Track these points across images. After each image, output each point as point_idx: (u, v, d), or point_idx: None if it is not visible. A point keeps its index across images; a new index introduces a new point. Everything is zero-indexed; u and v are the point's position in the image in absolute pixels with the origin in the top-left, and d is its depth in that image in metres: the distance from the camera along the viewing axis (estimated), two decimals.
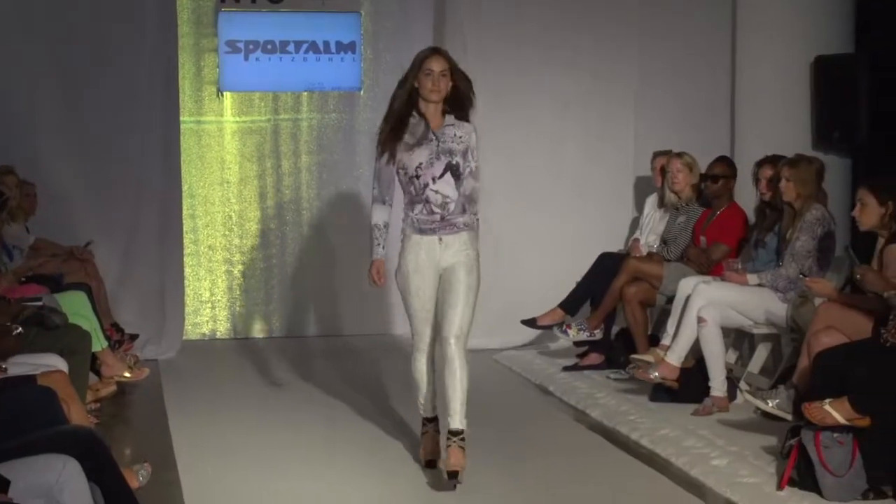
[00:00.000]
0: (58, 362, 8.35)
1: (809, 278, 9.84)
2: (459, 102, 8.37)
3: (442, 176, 8.20)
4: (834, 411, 8.08)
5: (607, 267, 12.08)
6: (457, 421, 8.11)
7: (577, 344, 12.11)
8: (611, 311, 11.94)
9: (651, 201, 12.52)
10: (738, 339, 10.94)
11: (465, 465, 8.01)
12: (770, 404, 9.38)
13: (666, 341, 10.51)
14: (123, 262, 12.77)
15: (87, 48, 12.50)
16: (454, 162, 8.22)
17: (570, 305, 12.03)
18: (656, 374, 10.40)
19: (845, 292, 9.41)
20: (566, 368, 11.79)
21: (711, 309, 10.09)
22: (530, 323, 12.22)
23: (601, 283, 11.97)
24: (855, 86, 11.90)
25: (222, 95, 13.68)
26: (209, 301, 13.74)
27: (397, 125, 8.28)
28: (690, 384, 10.32)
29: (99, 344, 10.51)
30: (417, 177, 8.20)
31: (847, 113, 11.95)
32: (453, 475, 7.95)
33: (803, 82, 12.23)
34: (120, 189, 12.77)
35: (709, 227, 11.43)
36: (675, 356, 10.29)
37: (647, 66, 13.64)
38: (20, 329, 7.97)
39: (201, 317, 13.68)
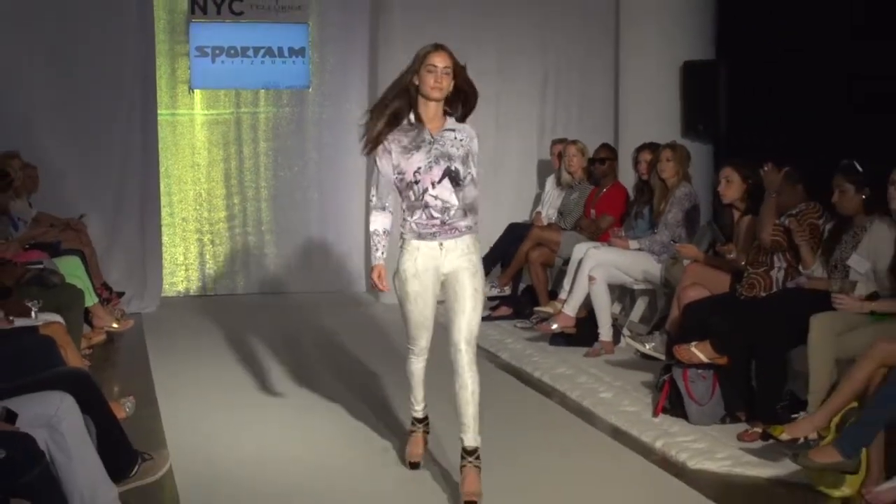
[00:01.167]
0: (56, 316, 8.34)
1: (679, 244, 9.98)
2: (460, 104, 6.91)
3: (440, 181, 6.68)
4: (698, 352, 8.23)
5: (515, 234, 12.18)
6: (470, 438, 6.60)
7: (490, 298, 12.14)
8: (517, 272, 12.06)
9: (550, 180, 12.60)
10: (622, 293, 11.05)
11: (482, 491, 6.47)
12: (647, 347, 9.51)
13: (563, 296, 10.62)
14: (111, 232, 12.68)
15: (79, 53, 12.41)
16: (453, 168, 6.70)
17: (485, 266, 12.05)
18: (555, 325, 10.51)
19: (708, 255, 9.50)
20: (483, 318, 11.80)
21: (600, 269, 10.21)
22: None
23: (510, 248, 12.07)
24: (716, 86, 12.00)
25: (193, 92, 13.61)
26: (183, 264, 13.68)
27: (391, 120, 6.73)
28: (583, 331, 10.42)
29: (91, 300, 10.52)
30: (416, 182, 6.68)
31: (709, 108, 12.05)
32: None
33: (674, 83, 12.29)
34: (107, 170, 12.68)
35: (597, 202, 11.52)
36: (571, 308, 10.40)
37: (548, 67, 13.67)
38: (38, 306, 7.94)
39: (177, 277, 13.62)
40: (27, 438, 5.34)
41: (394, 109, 6.74)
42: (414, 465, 7.22)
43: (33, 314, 7.76)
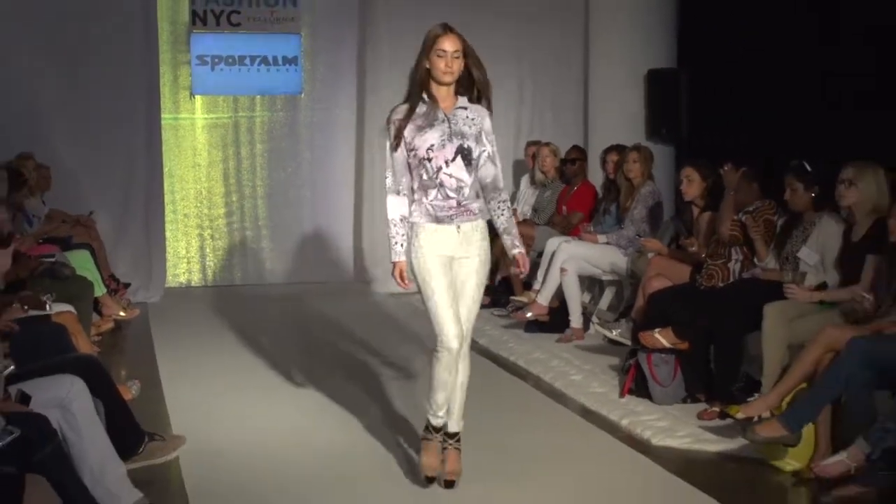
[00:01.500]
0: (67, 306, 8.35)
1: (644, 238, 10.02)
2: (471, 85, 6.39)
3: (454, 159, 6.21)
4: (661, 338, 8.27)
5: (492, 230, 12.14)
6: (454, 423, 6.42)
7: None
8: (495, 264, 12.05)
9: (525, 180, 12.63)
10: (591, 284, 11.07)
11: (461, 470, 6.36)
12: (614, 333, 9.53)
13: (536, 286, 10.64)
14: (118, 227, 12.72)
15: (89, 62, 12.45)
16: (466, 146, 6.23)
17: None
18: (530, 313, 10.54)
19: (671, 248, 9.53)
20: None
21: (571, 262, 10.24)
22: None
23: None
24: (678, 92, 12.03)
25: (194, 98, 13.60)
26: (185, 257, 13.68)
27: (409, 110, 6.28)
28: (555, 319, 10.45)
29: (100, 290, 10.53)
30: (429, 159, 6.20)
31: (671, 113, 12.09)
32: (451, 484, 6.33)
33: (639, 89, 12.32)
34: (114, 170, 12.73)
35: (568, 199, 11.56)
36: (544, 297, 10.43)
37: (523, 75, 13.69)
38: (52, 300, 7.94)
39: (179, 269, 13.62)
40: (41, 418, 5.34)
41: (410, 102, 6.29)
42: (430, 480, 6.41)
43: (48, 307, 7.76)
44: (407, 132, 6.24)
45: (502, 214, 6.55)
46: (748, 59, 11.21)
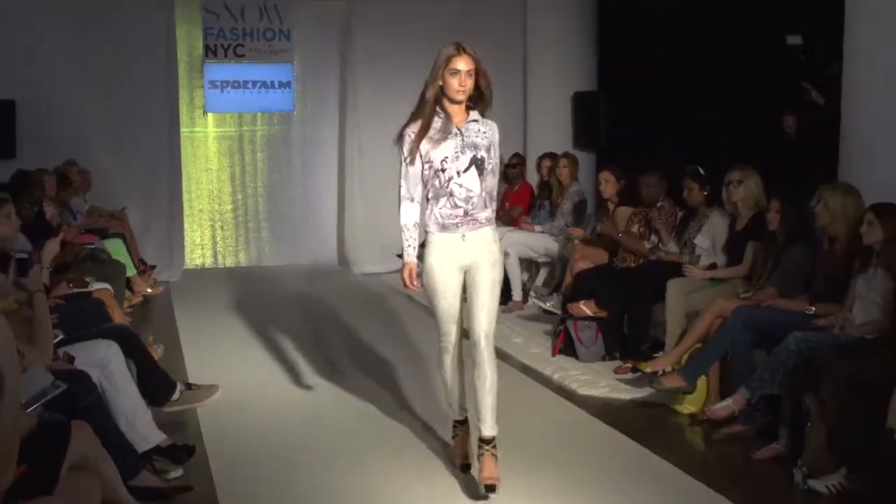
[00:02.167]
0: (104, 284, 8.34)
1: (571, 228, 10.06)
2: (480, 100, 5.64)
3: (467, 170, 5.47)
4: (586, 308, 8.33)
5: None
6: (488, 428, 5.48)
7: None
8: None
9: None
10: (529, 265, 11.04)
11: (499, 475, 5.43)
12: (548, 305, 9.58)
13: None
14: (145, 220, 12.61)
15: (122, 85, 12.39)
16: (479, 156, 5.49)
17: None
18: None
19: (592, 236, 9.57)
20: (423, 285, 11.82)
21: (512, 247, 10.24)
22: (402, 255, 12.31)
23: None
24: (598, 110, 12.08)
25: (206, 115, 13.51)
26: (200, 244, 13.60)
27: (424, 127, 5.51)
28: (500, 293, 10.45)
29: (131, 271, 10.49)
30: (443, 170, 5.47)
31: (593, 127, 12.14)
32: (491, 489, 5.36)
33: (567, 107, 12.37)
34: (142, 174, 12.61)
35: (510, 196, 11.55)
36: None
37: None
38: (92, 279, 7.95)
39: (195, 254, 13.54)
40: (83, 375, 5.34)
41: (424, 119, 5.50)
42: (465, 468, 5.75)
43: (89, 285, 7.77)
44: (422, 146, 5.51)
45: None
46: (654, 83, 11.27)
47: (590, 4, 12.54)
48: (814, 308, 6.56)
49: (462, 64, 5.42)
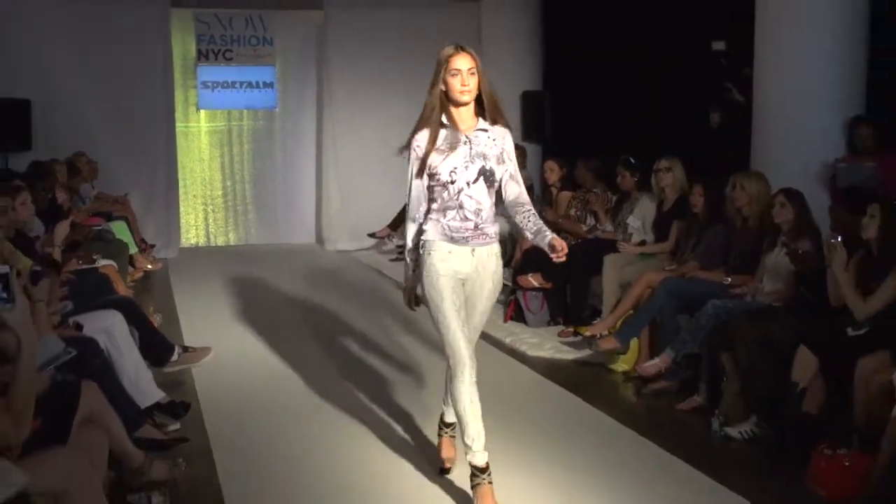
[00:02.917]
0: (110, 261, 8.31)
1: None
2: (485, 103, 4.54)
3: (476, 181, 4.46)
4: (533, 280, 8.39)
5: None
6: (482, 456, 4.48)
7: (399, 248, 12.13)
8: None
9: None
10: None
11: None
12: None
13: None
14: (146, 204, 12.50)
15: (124, 86, 12.29)
16: (488, 167, 4.47)
17: (394, 224, 12.07)
18: None
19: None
20: (392, 260, 11.81)
21: None
22: (372, 235, 12.32)
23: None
24: (543, 108, 12.13)
25: (199, 111, 13.43)
26: (194, 225, 13.52)
27: (432, 138, 4.47)
28: None
29: (133, 249, 10.41)
30: (452, 182, 4.45)
31: (539, 122, 12.18)
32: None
33: (516, 104, 12.40)
34: (143, 164, 12.53)
35: None
36: None
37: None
38: (99, 257, 7.92)
39: (189, 234, 13.46)
40: (91, 341, 5.33)
41: (431, 129, 4.49)
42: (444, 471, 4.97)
43: (96, 262, 7.74)
44: (430, 158, 4.49)
45: (529, 220, 4.57)
46: (593, 83, 11.30)
47: (536, 14, 12.58)
48: (729, 279, 6.64)
49: (462, 62, 4.45)
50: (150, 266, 10.91)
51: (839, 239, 5.35)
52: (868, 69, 7.53)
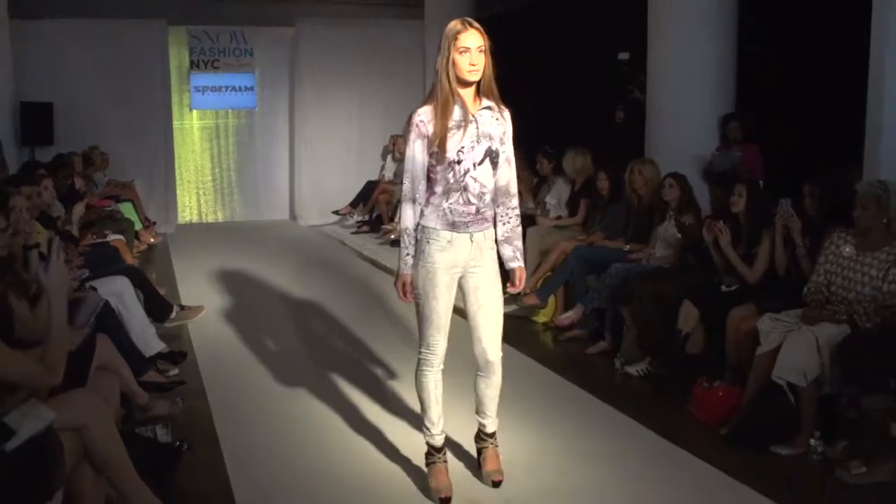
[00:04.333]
0: (119, 236, 8.20)
1: None
2: (482, 84, 3.63)
3: (482, 162, 3.61)
4: None
5: (371, 186, 12.14)
6: (494, 424, 3.98)
7: (358, 223, 12.13)
8: (373, 206, 12.02)
9: (388, 157, 12.43)
10: None
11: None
12: None
13: (397, 220, 10.56)
14: (149, 188, 12.34)
15: (129, 88, 12.12)
16: (493, 148, 3.64)
17: (354, 203, 12.06)
18: (394, 236, 10.45)
19: None
20: (353, 233, 11.79)
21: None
22: (336, 212, 12.28)
23: (368, 192, 12.01)
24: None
25: (192, 111, 13.23)
26: (188, 206, 13.33)
27: (444, 113, 3.56)
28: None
29: (138, 226, 10.26)
30: (458, 161, 3.57)
31: None
32: (498, 484, 3.88)
33: None
34: (146, 155, 12.36)
35: None
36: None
37: (390, 96, 13.40)
38: (110, 232, 7.85)
39: (185, 213, 13.26)
40: (105, 302, 5.28)
41: (445, 105, 3.57)
42: (445, 501, 3.74)
43: (108, 237, 7.66)
44: (431, 136, 3.61)
45: (508, 222, 3.84)
46: (520, 88, 11.23)
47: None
48: (628, 246, 6.71)
49: (471, 40, 3.54)
50: (152, 240, 10.81)
51: (722, 222, 5.42)
52: (737, 76, 7.64)
